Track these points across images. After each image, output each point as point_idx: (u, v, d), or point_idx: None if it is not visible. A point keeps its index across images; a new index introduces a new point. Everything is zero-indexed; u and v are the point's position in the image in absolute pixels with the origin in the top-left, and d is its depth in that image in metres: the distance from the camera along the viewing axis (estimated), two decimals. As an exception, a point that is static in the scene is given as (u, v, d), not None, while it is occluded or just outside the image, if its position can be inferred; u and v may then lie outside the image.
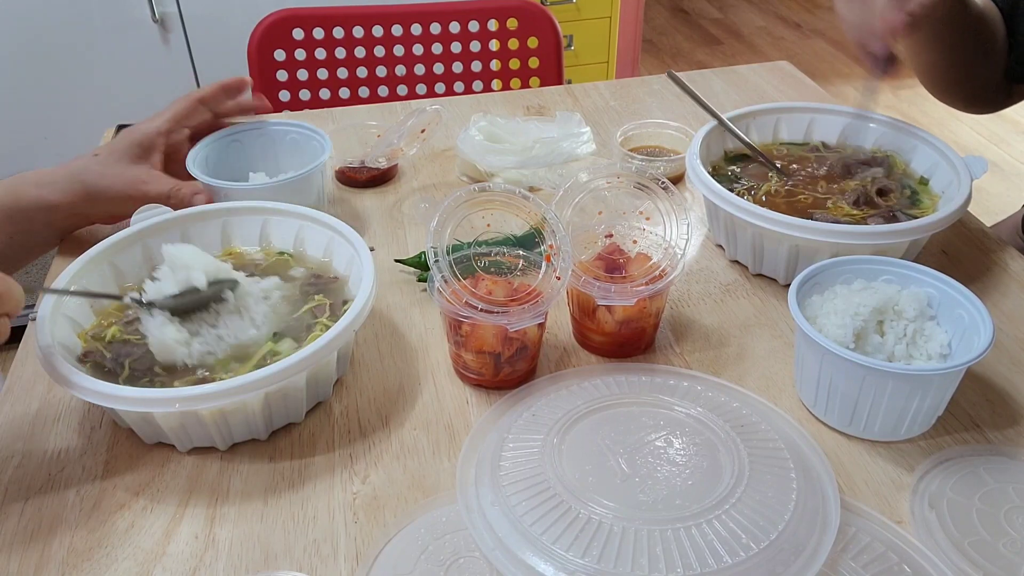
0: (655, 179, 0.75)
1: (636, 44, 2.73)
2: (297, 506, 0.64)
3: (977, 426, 0.70)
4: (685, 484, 0.60)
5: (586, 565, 0.54)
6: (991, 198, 2.67)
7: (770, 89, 1.25)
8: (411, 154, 1.05)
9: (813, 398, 0.70)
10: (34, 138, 1.93)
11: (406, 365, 0.77)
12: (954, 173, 0.85)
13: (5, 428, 0.71)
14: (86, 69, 1.86)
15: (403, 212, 0.99)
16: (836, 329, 0.68)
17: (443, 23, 1.52)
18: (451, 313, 0.69)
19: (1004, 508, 0.62)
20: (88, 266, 0.74)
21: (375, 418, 0.72)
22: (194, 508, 0.64)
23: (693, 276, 0.88)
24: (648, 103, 1.22)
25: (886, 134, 0.94)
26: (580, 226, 0.77)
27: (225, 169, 0.94)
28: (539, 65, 1.56)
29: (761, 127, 0.97)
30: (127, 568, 0.60)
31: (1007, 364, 0.76)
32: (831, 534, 0.57)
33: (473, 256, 0.73)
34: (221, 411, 0.65)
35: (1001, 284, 0.86)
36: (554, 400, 0.69)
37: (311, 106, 1.51)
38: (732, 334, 0.80)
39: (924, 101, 3.26)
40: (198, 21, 1.88)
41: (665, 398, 0.68)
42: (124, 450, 0.69)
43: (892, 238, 0.77)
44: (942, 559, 0.58)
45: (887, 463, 0.67)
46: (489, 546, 0.57)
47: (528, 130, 1.06)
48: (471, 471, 0.63)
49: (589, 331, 0.77)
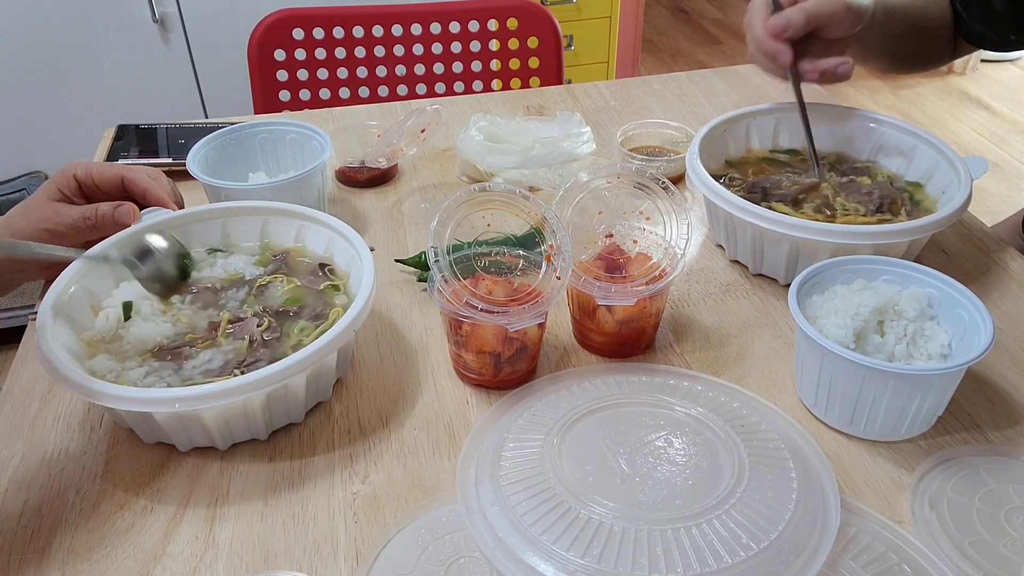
0: (655, 179, 0.75)
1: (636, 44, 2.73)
2: (297, 506, 0.64)
3: (977, 426, 0.70)
4: (685, 484, 0.60)
5: (586, 565, 0.54)
6: (991, 198, 2.67)
7: (770, 89, 1.25)
8: (411, 154, 1.05)
9: (813, 398, 0.70)
10: (34, 138, 1.93)
11: (406, 365, 0.77)
12: (954, 173, 0.85)
13: (5, 428, 0.71)
14: (86, 69, 1.86)
15: (403, 212, 0.99)
16: (836, 329, 0.67)
17: (443, 23, 1.52)
18: (451, 313, 0.69)
19: (1004, 508, 0.61)
20: (88, 265, 0.74)
21: (375, 418, 0.72)
22: (194, 508, 0.64)
23: (693, 276, 0.88)
24: (648, 103, 1.22)
25: (886, 134, 0.94)
26: (580, 226, 0.77)
27: (225, 169, 0.94)
28: (539, 65, 1.56)
29: (761, 127, 0.97)
30: (127, 568, 0.60)
31: (1007, 364, 0.76)
32: (831, 534, 0.57)
33: (473, 256, 0.73)
34: (221, 411, 0.65)
35: (1001, 284, 0.86)
36: (554, 400, 0.69)
37: (311, 106, 1.51)
38: (732, 334, 0.80)
39: (924, 101, 3.26)
40: (198, 21, 1.88)
41: (665, 398, 0.68)
42: (124, 450, 0.69)
43: (892, 238, 0.77)
44: (942, 559, 0.58)
45: (887, 463, 0.67)
46: (489, 546, 0.57)
47: (528, 130, 1.06)
48: (471, 471, 0.63)
49: (589, 331, 0.77)
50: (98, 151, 1.10)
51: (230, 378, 0.64)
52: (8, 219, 0.77)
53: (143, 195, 0.80)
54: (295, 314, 0.73)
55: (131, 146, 1.08)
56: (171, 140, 1.09)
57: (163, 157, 1.06)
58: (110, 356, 0.70)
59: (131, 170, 0.80)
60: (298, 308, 0.74)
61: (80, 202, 0.79)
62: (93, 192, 0.80)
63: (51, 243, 0.76)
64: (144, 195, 0.80)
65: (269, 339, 0.71)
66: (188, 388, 0.63)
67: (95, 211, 0.77)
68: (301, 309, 0.74)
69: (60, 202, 0.78)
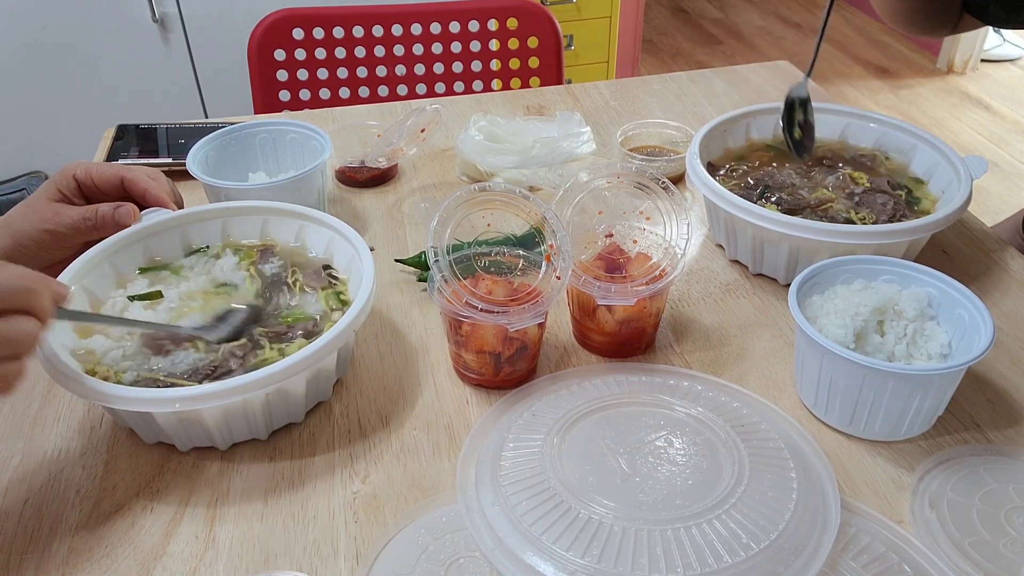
0: (655, 179, 0.75)
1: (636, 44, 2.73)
2: (297, 506, 0.64)
3: (977, 426, 0.70)
4: (685, 484, 0.60)
5: (586, 565, 0.54)
6: (991, 198, 2.67)
7: (770, 89, 1.25)
8: (411, 154, 1.05)
9: (813, 398, 0.70)
10: (34, 138, 1.93)
11: (406, 365, 0.77)
12: (954, 173, 0.85)
13: (5, 428, 0.71)
14: (86, 69, 1.86)
15: (403, 212, 0.99)
16: (836, 329, 0.67)
17: (443, 23, 1.52)
18: (451, 313, 0.69)
19: (1004, 508, 0.61)
20: (88, 265, 0.74)
21: (375, 418, 0.72)
22: (194, 508, 0.64)
23: (693, 276, 0.88)
24: (648, 103, 1.22)
25: (886, 134, 0.94)
26: (580, 226, 0.77)
27: (225, 169, 0.94)
28: (539, 65, 1.56)
29: (761, 127, 0.97)
30: (127, 568, 0.60)
31: (1007, 364, 0.76)
32: (831, 534, 0.57)
33: (473, 256, 0.73)
34: (221, 411, 0.65)
35: (1001, 284, 0.86)
36: (554, 400, 0.69)
37: (311, 106, 1.51)
38: (732, 334, 0.80)
39: (924, 101, 3.26)
40: (198, 21, 1.88)
41: (665, 398, 0.68)
42: (124, 450, 0.69)
43: (892, 238, 0.77)
44: (942, 559, 0.58)
45: (887, 463, 0.67)
46: (489, 546, 0.57)
47: (528, 130, 1.06)
48: (471, 471, 0.63)
49: (589, 331, 0.77)
50: (98, 151, 1.10)
51: (226, 379, 0.64)
52: (8, 219, 0.77)
53: (143, 195, 0.80)
54: (287, 333, 0.72)
55: (131, 146, 1.08)
56: (171, 140, 1.09)
57: (163, 157, 1.06)
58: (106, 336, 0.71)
59: (131, 170, 0.80)
60: (288, 327, 0.73)
61: (80, 202, 0.79)
62: (93, 192, 0.80)
63: (50, 243, 0.76)
64: (144, 195, 0.80)
65: (243, 353, 0.70)
66: (188, 388, 0.63)
67: (95, 211, 0.77)
68: (293, 327, 0.73)
69: (60, 202, 0.78)
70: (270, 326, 0.73)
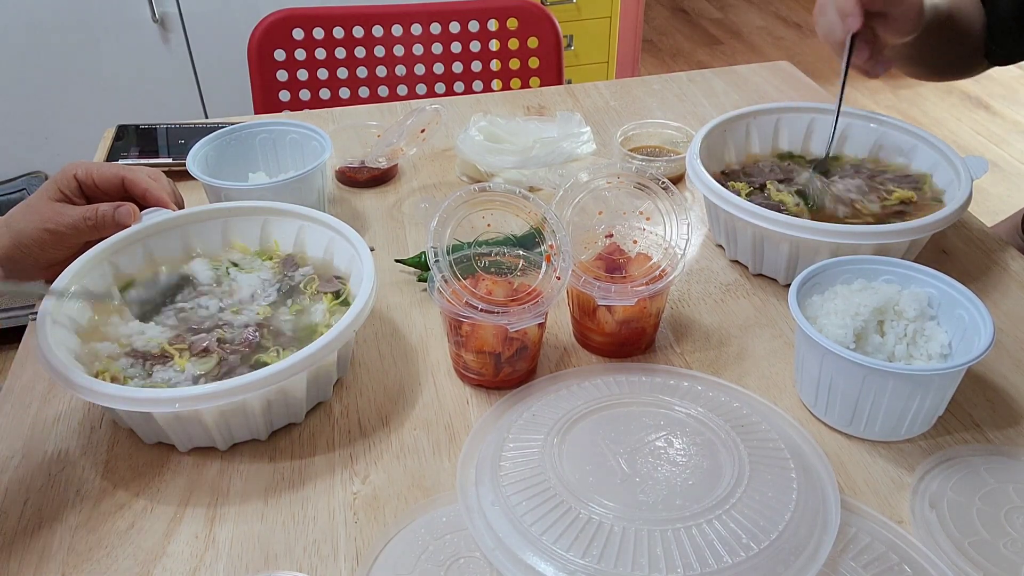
0: (655, 179, 0.75)
1: (636, 44, 2.73)
2: (297, 506, 0.64)
3: (977, 426, 0.70)
4: (685, 484, 0.60)
5: (586, 565, 0.54)
6: (991, 198, 2.67)
7: (770, 89, 1.25)
8: (411, 154, 1.05)
9: (813, 398, 0.70)
10: (35, 138, 1.93)
11: (406, 365, 0.77)
12: (954, 173, 0.85)
13: (5, 428, 0.71)
14: (86, 69, 1.86)
15: (403, 212, 0.99)
16: (836, 329, 0.67)
17: (443, 23, 1.52)
18: (451, 313, 0.69)
19: (1005, 508, 0.61)
20: (88, 265, 0.74)
21: (375, 418, 0.72)
22: (194, 508, 0.64)
23: (693, 276, 0.88)
24: (648, 103, 1.22)
25: (886, 134, 0.94)
26: (580, 226, 0.77)
27: (225, 169, 0.94)
28: (539, 65, 1.56)
29: (761, 127, 0.97)
30: (127, 568, 0.60)
31: (1007, 364, 0.76)
32: (831, 534, 0.57)
33: (473, 256, 0.73)
34: (221, 411, 0.65)
35: (1001, 284, 0.86)
36: (554, 400, 0.69)
37: (311, 106, 1.51)
38: (732, 334, 0.80)
39: (924, 101, 3.26)
40: (198, 21, 1.87)
41: (665, 398, 0.68)
42: (124, 450, 0.69)
43: (892, 238, 0.77)
44: (942, 559, 0.58)
45: (887, 463, 0.67)
46: (489, 546, 0.57)
47: (528, 130, 1.06)
48: (471, 471, 0.63)
49: (589, 331, 0.77)
50: (98, 151, 1.10)
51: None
52: (8, 219, 0.77)
53: (143, 195, 0.80)
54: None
55: (131, 146, 1.08)
56: (171, 140, 1.09)
57: (163, 157, 1.06)
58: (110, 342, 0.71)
59: (131, 170, 0.80)
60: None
61: (80, 202, 0.79)
62: (93, 192, 0.80)
63: (50, 242, 0.76)
64: (144, 195, 0.80)
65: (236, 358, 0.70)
66: (188, 388, 0.63)
67: (95, 211, 0.77)
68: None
69: (60, 202, 0.78)
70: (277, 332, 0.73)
